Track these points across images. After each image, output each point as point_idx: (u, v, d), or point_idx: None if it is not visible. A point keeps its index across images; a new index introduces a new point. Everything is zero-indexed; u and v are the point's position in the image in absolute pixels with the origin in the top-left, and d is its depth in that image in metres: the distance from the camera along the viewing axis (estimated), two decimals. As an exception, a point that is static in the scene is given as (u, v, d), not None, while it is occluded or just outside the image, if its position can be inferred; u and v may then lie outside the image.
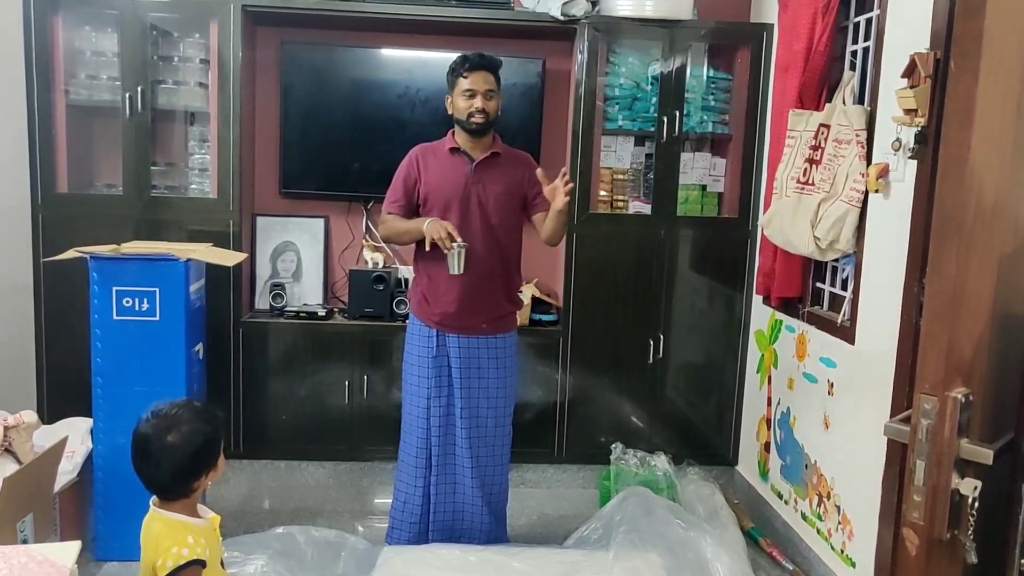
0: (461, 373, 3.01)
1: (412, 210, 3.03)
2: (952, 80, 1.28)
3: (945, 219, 1.29)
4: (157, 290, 3.01)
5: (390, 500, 3.67)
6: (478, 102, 2.89)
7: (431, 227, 2.82)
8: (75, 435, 3.09)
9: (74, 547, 1.15)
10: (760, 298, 3.76)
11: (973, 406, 1.30)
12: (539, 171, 2.93)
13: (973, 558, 1.29)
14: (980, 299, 1.30)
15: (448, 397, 3.02)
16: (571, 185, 2.87)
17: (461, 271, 2.82)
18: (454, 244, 2.79)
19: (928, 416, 1.30)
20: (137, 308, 3.01)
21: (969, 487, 1.28)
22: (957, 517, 1.29)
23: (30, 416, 2.86)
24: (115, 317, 3.00)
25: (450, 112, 2.99)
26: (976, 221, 1.28)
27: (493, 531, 3.11)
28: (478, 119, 2.90)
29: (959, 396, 1.28)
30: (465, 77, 2.90)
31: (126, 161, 3.61)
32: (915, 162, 2.54)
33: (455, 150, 2.99)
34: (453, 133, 3.02)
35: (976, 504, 1.28)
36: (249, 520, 3.51)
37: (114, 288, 2.99)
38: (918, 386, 1.31)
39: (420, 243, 2.95)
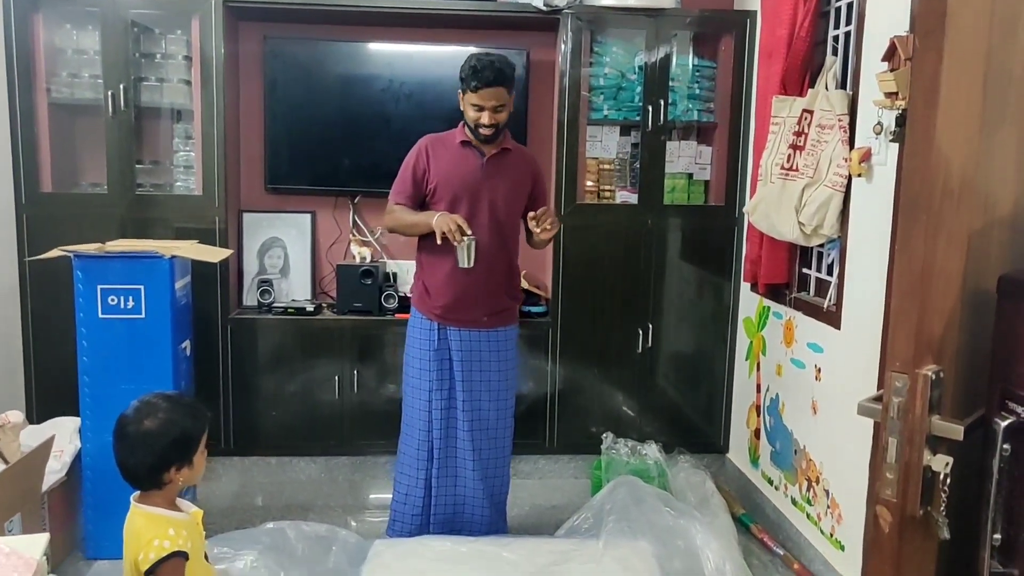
0: (463, 367, 3.00)
1: (420, 201, 3.00)
2: (917, 58, 1.28)
3: (913, 197, 1.29)
4: (142, 288, 3.01)
5: (383, 494, 3.70)
6: (485, 118, 2.84)
7: (441, 220, 2.79)
8: (63, 434, 3.09)
9: (42, 539, 1.15)
10: (748, 285, 3.76)
11: (944, 383, 1.30)
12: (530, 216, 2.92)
13: (946, 533, 1.29)
14: (949, 276, 1.30)
15: (450, 390, 3.02)
16: (547, 225, 2.87)
17: (471, 264, 2.81)
18: (464, 237, 2.78)
19: (899, 394, 1.30)
20: (122, 306, 3.00)
21: (941, 463, 1.28)
22: (929, 493, 1.30)
23: (16, 416, 2.86)
24: (100, 315, 2.99)
25: (461, 108, 2.93)
26: (944, 198, 1.28)
27: (493, 523, 3.11)
28: (486, 132, 2.87)
29: (929, 373, 1.29)
30: (474, 91, 2.81)
31: (110, 159, 3.60)
32: (896, 145, 2.54)
33: (466, 143, 2.95)
34: (463, 125, 2.97)
35: (948, 480, 1.28)
36: (240, 516, 3.50)
37: (99, 286, 2.98)
38: (889, 364, 1.31)
39: (424, 236, 2.94)
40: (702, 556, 2.96)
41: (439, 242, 2.80)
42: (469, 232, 2.79)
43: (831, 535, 3.00)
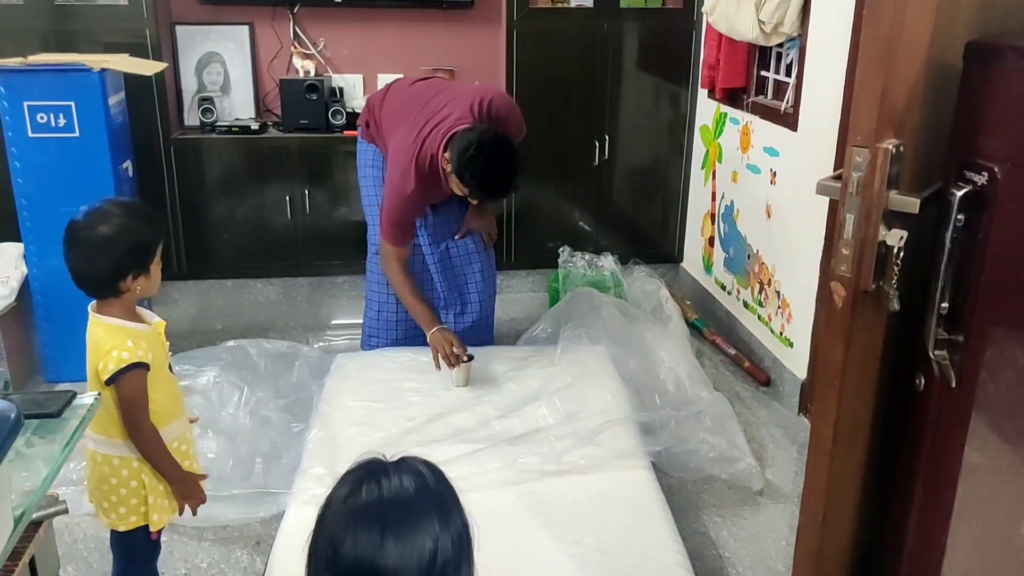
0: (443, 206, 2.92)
1: None
2: None
3: (883, -42, 1.22)
4: (73, 104, 2.85)
5: (342, 317, 3.75)
6: (476, 201, 2.70)
7: (437, 340, 2.69)
8: (7, 260, 3.01)
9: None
10: (705, 92, 3.69)
11: (903, 158, 1.29)
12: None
13: (896, 305, 1.32)
14: (916, 45, 1.26)
15: (434, 215, 2.92)
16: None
17: (466, 384, 2.68)
18: (461, 362, 2.66)
19: (859, 169, 1.29)
20: (54, 124, 2.85)
21: (895, 238, 1.29)
22: (882, 268, 1.32)
23: (-46, 241, 2.76)
24: (31, 135, 2.84)
25: (445, 171, 2.57)
26: (915, -40, 1.22)
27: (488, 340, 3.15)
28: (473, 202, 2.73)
29: (890, 147, 1.27)
30: (473, 196, 2.58)
31: (21, -34, 3.31)
32: (863, -70, 2.42)
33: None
34: (445, 173, 2.59)
35: (901, 254, 1.29)
36: (200, 339, 3.49)
37: (25, 103, 2.81)
38: (850, 139, 1.29)
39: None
40: (656, 357, 3.05)
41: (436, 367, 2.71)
42: (465, 357, 2.67)
43: (781, 333, 3.11)
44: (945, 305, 1.30)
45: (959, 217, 1.26)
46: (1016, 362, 1.24)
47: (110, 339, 1.74)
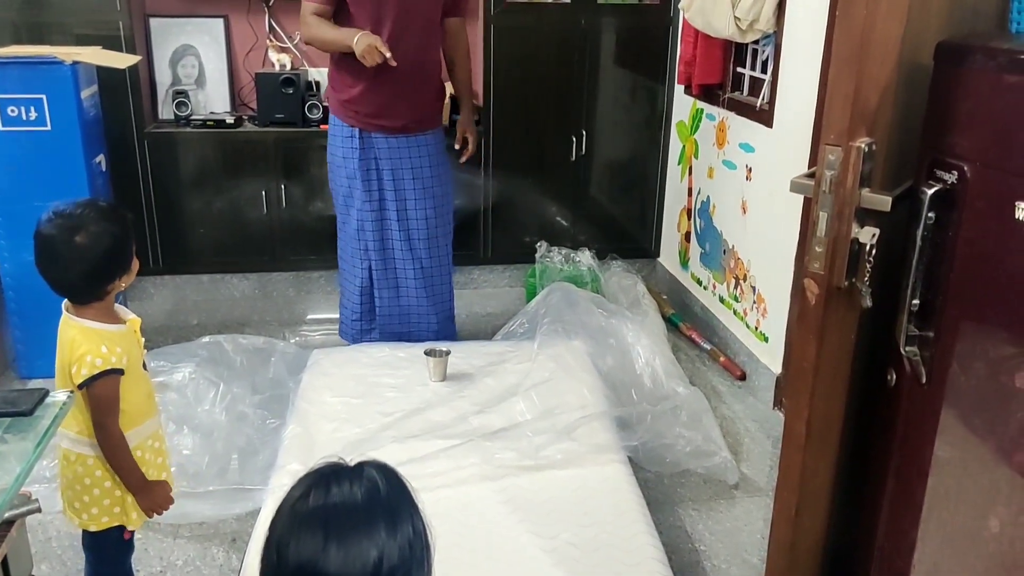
0: (394, 175, 2.92)
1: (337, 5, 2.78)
2: None
3: (856, -42, 1.24)
4: (44, 97, 2.81)
5: (319, 312, 3.77)
6: None
7: (363, 46, 2.61)
8: (-22, 255, 2.97)
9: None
10: (682, 88, 3.71)
11: (876, 156, 1.31)
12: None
13: (868, 302, 1.34)
14: (888, 43, 1.27)
15: (380, 200, 2.94)
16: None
17: (443, 379, 2.68)
18: (438, 353, 2.70)
19: (832, 167, 1.30)
20: (25, 117, 2.82)
21: (867, 235, 1.31)
22: (855, 265, 1.33)
23: (-77, 236, 2.72)
24: (1, 128, 2.80)
25: None
26: (888, -40, 1.23)
27: (442, 332, 3.13)
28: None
29: (862, 145, 1.28)
30: None
31: (-9, -44, 3.27)
32: (837, -72, 2.44)
33: None
34: None
35: (873, 251, 1.31)
36: (176, 334, 3.47)
37: (-5, 96, 2.78)
38: (823, 137, 1.31)
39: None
40: (633, 353, 3.06)
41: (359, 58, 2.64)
42: (388, 53, 2.62)
43: (756, 328, 3.13)
44: (916, 302, 1.31)
45: (930, 215, 1.28)
46: (985, 357, 1.26)
47: (84, 343, 1.70)
